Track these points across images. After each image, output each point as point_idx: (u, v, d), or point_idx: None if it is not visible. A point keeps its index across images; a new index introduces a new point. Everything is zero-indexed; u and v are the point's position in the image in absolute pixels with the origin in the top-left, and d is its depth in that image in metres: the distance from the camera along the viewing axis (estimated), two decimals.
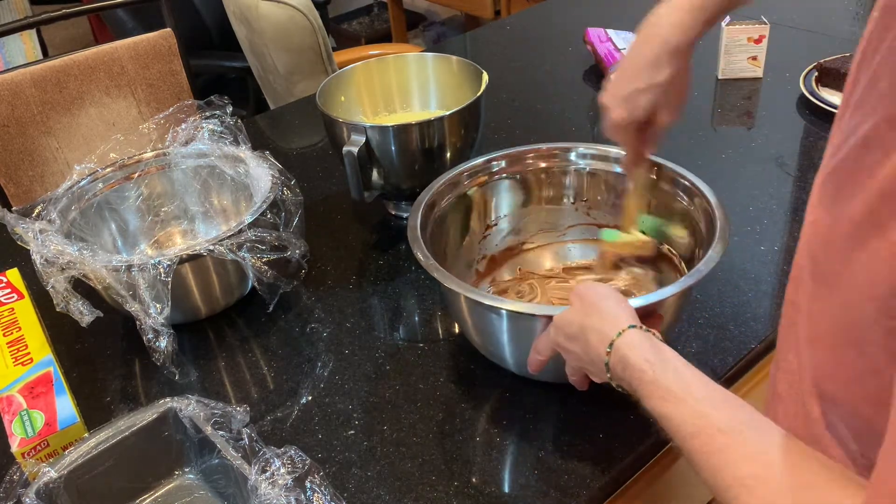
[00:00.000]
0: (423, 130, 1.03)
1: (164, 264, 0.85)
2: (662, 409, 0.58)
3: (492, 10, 2.96)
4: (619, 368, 0.64)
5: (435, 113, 1.22)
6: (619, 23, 1.57)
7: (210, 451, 0.74)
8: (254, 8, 1.76)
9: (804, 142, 1.27)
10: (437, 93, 1.22)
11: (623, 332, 0.65)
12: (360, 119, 1.20)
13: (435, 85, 1.22)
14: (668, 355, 0.62)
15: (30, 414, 0.77)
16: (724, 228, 0.80)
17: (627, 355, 0.63)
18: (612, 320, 0.66)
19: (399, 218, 1.16)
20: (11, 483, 0.71)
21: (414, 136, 1.04)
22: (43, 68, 1.45)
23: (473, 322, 0.82)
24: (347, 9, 3.98)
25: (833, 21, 1.63)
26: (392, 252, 1.10)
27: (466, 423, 0.82)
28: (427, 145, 1.04)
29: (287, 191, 0.96)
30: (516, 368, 0.83)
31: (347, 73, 1.19)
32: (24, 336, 0.88)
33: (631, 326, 0.65)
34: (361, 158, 1.02)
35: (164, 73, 1.58)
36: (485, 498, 0.74)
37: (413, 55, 1.22)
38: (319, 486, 0.68)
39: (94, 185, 1.02)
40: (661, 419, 0.58)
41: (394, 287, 1.03)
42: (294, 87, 1.89)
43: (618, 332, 0.65)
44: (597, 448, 0.78)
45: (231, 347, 0.95)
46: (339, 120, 1.05)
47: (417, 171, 1.06)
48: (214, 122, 1.04)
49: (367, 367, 0.90)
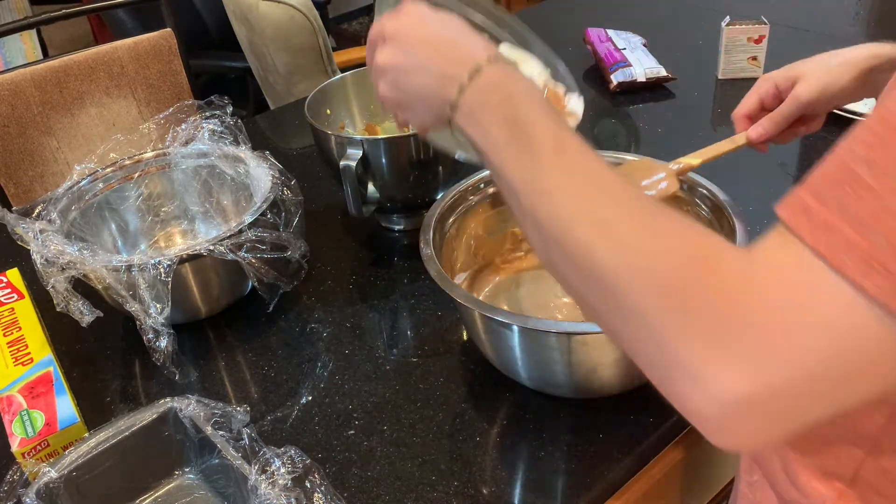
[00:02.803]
0: (418, 142, 1.01)
1: (164, 264, 0.85)
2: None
3: None
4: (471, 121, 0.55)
5: None
6: (619, 23, 1.57)
7: (210, 451, 0.74)
8: (254, 8, 1.76)
9: (804, 142, 1.27)
10: None
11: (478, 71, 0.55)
12: (349, 133, 1.18)
13: None
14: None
15: (30, 414, 0.77)
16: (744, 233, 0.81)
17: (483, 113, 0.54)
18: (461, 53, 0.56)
19: (395, 226, 1.15)
20: (11, 483, 0.71)
21: (409, 147, 1.01)
22: (43, 68, 1.45)
23: (487, 338, 0.82)
24: (347, 9, 3.99)
25: (833, 21, 1.63)
26: (393, 252, 1.10)
27: (466, 423, 0.82)
28: (423, 156, 1.02)
29: (287, 191, 0.96)
30: (530, 383, 0.83)
31: (336, 84, 1.17)
32: (24, 336, 0.88)
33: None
34: (358, 173, 1.00)
35: (164, 73, 1.58)
36: (485, 498, 0.74)
37: None
38: (319, 486, 0.68)
39: (94, 185, 1.02)
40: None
41: (394, 287, 1.03)
42: (294, 87, 1.89)
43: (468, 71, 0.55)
44: (597, 448, 0.78)
45: (231, 347, 0.95)
46: (331, 133, 1.03)
47: (412, 182, 1.05)
48: (214, 122, 1.04)
49: (367, 367, 0.90)
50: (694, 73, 1.48)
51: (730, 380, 0.41)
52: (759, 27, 1.40)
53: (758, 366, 0.40)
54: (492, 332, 0.80)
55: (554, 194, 0.49)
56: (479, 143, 0.54)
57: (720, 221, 0.86)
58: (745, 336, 0.40)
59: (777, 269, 0.41)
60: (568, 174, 0.49)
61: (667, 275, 0.43)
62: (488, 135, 0.53)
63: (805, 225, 0.40)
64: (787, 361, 0.40)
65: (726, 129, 1.34)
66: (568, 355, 0.75)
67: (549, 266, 0.51)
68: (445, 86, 0.56)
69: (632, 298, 0.44)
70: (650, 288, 0.43)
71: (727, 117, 1.37)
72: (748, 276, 0.42)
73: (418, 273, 1.04)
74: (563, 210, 0.48)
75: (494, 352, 0.83)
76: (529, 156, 0.51)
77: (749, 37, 1.41)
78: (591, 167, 0.50)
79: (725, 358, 0.41)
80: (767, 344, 0.40)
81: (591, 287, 0.47)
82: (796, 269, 0.40)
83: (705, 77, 1.46)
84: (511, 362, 0.81)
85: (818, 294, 0.39)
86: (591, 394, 0.82)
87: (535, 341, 0.77)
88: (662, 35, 1.62)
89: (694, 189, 0.90)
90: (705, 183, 0.89)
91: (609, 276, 0.45)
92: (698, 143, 1.29)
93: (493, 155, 0.53)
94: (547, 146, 0.50)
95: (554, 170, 0.50)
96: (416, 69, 0.58)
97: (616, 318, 0.46)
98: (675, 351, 0.42)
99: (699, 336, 0.42)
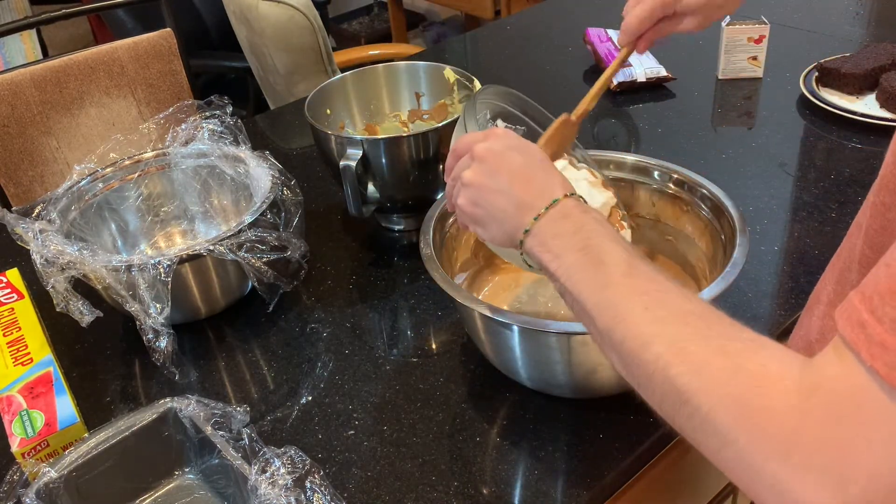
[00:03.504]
0: (418, 142, 1.02)
1: (164, 264, 0.85)
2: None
3: (492, 10, 2.96)
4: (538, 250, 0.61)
5: (429, 123, 1.21)
6: (619, 23, 1.57)
7: (210, 451, 0.74)
8: (254, 8, 1.76)
9: (804, 142, 1.27)
10: (431, 101, 1.21)
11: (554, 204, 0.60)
12: (349, 133, 1.18)
13: (429, 94, 1.21)
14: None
15: (30, 414, 0.77)
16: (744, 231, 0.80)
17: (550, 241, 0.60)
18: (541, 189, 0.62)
19: (395, 226, 1.15)
20: (11, 483, 0.71)
21: (409, 147, 1.02)
22: (43, 68, 1.45)
23: (487, 338, 0.82)
24: (347, 9, 3.98)
25: (833, 21, 1.63)
26: (393, 252, 1.10)
27: (467, 423, 0.82)
28: (423, 156, 1.03)
29: (287, 191, 0.96)
30: (530, 383, 0.83)
31: (336, 84, 1.17)
32: (24, 336, 0.88)
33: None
34: (358, 173, 1.00)
35: (164, 73, 1.58)
36: (485, 498, 0.74)
37: (404, 64, 1.21)
38: (319, 486, 0.68)
39: (94, 185, 1.02)
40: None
41: (394, 287, 1.03)
42: (294, 87, 1.89)
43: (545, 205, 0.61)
44: (597, 448, 0.78)
45: (231, 347, 0.95)
46: (331, 133, 1.03)
47: (412, 182, 1.05)
48: (214, 122, 1.04)
49: (367, 367, 0.90)
50: (694, 73, 1.48)
51: (816, 496, 0.42)
52: (759, 27, 1.40)
53: (837, 482, 0.41)
54: (492, 332, 0.80)
55: (627, 316, 0.53)
56: (550, 267, 0.59)
57: (720, 221, 0.86)
58: (820, 454, 0.42)
59: (838, 385, 0.42)
60: (639, 295, 0.53)
61: (738, 394, 0.46)
62: (561, 260, 0.58)
63: (863, 342, 0.41)
64: (864, 478, 0.41)
65: (727, 128, 1.34)
66: (568, 355, 0.75)
67: (630, 380, 0.54)
68: (523, 213, 0.62)
69: (708, 416, 0.47)
70: (725, 407, 0.46)
71: (727, 117, 1.37)
72: (814, 392, 0.43)
73: (418, 273, 1.04)
74: (635, 330, 0.52)
75: (494, 352, 0.83)
76: (603, 280, 0.55)
77: (749, 36, 1.41)
78: (660, 288, 0.54)
79: (805, 475, 0.42)
80: (841, 460, 0.41)
81: (668, 401, 0.50)
82: (858, 386, 0.41)
83: (705, 77, 1.46)
84: (511, 362, 0.81)
85: (881, 412, 0.40)
86: (591, 394, 0.82)
87: (535, 341, 0.77)
88: None
89: (694, 189, 0.90)
90: (705, 183, 0.89)
91: (684, 392, 0.48)
92: (698, 142, 1.29)
93: (565, 279, 0.58)
94: (618, 270, 0.55)
95: (626, 292, 0.54)
96: (497, 192, 0.64)
97: (697, 433, 0.49)
98: (758, 466, 0.44)
99: (777, 455, 0.43)
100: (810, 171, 1.18)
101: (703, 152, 1.25)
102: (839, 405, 0.42)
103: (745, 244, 0.79)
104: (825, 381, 0.43)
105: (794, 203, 1.11)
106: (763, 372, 0.46)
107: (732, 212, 0.84)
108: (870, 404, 0.41)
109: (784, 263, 1.00)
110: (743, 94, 1.41)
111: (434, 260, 0.81)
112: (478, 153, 0.65)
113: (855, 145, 1.23)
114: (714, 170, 1.20)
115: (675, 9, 0.80)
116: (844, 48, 1.44)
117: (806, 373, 0.45)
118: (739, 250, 0.78)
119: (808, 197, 1.12)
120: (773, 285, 0.96)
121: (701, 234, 0.90)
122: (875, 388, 0.40)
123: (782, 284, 0.96)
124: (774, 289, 0.96)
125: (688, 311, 0.52)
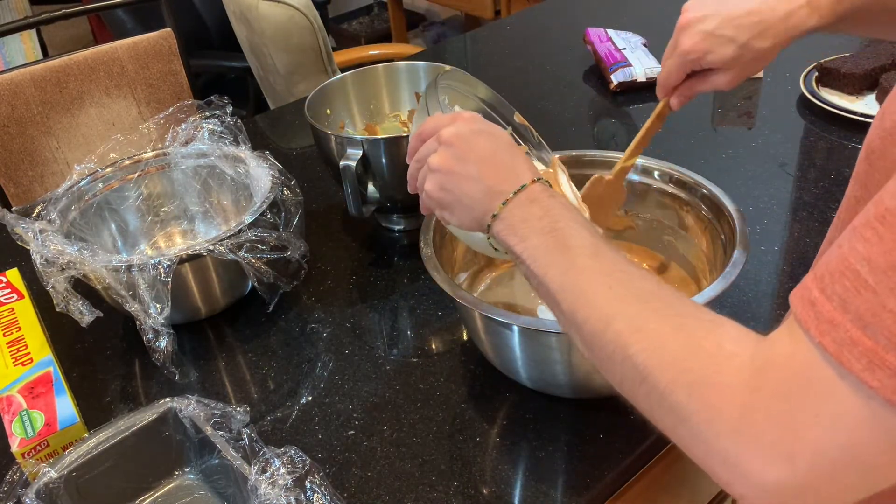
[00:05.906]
0: None
1: (164, 264, 0.85)
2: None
3: (492, 10, 2.96)
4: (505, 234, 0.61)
5: None
6: (619, 23, 1.57)
7: (210, 451, 0.74)
8: (254, 8, 1.76)
9: (804, 142, 1.27)
10: None
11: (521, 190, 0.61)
12: (349, 133, 1.18)
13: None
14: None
15: (30, 414, 0.77)
16: (744, 231, 0.81)
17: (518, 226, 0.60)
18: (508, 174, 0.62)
19: (395, 226, 1.15)
20: (11, 483, 0.71)
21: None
22: (43, 68, 1.45)
23: (487, 338, 0.82)
24: (347, 9, 3.99)
25: None
26: (393, 252, 1.10)
27: (467, 423, 0.82)
28: None
29: (287, 191, 0.96)
30: (530, 383, 0.83)
31: (336, 84, 1.17)
32: (24, 336, 0.88)
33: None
34: (358, 173, 1.00)
35: (164, 73, 1.58)
36: (485, 498, 0.74)
37: (404, 64, 1.21)
38: (319, 486, 0.68)
39: (94, 185, 1.02)
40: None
41: (394, 287, 1.03)
42: (294, 87, 1.89)
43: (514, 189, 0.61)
44: (597, 448, 0.78)
45: (231, 347, 0.95)
46: (331, 133, 1.02)
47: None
48: (214, 122, 1.04)
49: (367, 367, 0.90)
50: None
51: (764, 471, 0.43)
52: None
53: (785, 457, 0.42)
54: (492, 332, 0.80)
55: (590, 296, 0.54)
56: (516, 250, 0.60)
57: (720, 221, 0.86)
58: (769, 429, 0.43)
59: (788, 362, 0.43)
60: (603, 276, 0.54)
61: (693, 372, 0.47)
62: (527, 243, 0.59)
63: (812, 320, 0.42)
64: (811, 452, 0.42)
65: (726, 128, 1.34)
66: (568, 355, 0.75)
67: (593, 361, 0.55)
68: (492, 198, 0.62)
69: (664, 393, 0.48)
70: (680, 384, 0.47)
71: (727, 117, 1.37)
72: (765, 368, 0.44)
73: (418, 273, 1.04)
74: (598, 311, 0.53)
75: (494, 352, 0.83)
76: (568, 262, 0.56)
77: None
78: (624, 269, 0.55)
79: (754, 450, 0.43)
80: (789, 436, 0.42)
81: (627, 379, 0.51)
82: (806, 362, 0.42)
83: None
84: (511, 362, 0.81)
85: (828, 388, 0.41)
86: (591, 394, 0.82)
87: (535, 341, 0.77)
88: (662, 35, 1.62)
89: (694, 189, 0.90)
90: (705, 183, 0.89)
91: (643, 370, 0.49)
92: (698, 142, 1.29)
93: (531, 261, 0.58)
94: (584, 253, 0.56)
95: (590, 274, 0.55)
96: (466, 177, 0.63)
97: (654, 410, 0.50)
98: (710, 442, 0.45)
99: (728, 430, 0.44)
100: (810, 171, 1.18)
101: (703, 152, 1.25)
102: (788, 381, 0.43)
103: (745, 244, 0.79)
104: (776, 358, 0.44)
105: (794, 203, 1.11)
106: (718, 350, 0.47)
107: (732, 212, 0.84)
108: (818, 381, 0.41)
109: (784, 263, 1.00)
110: (743, 94, 1.41)
111: (434, 260, 0.81)
112: (445, 137, 0.65)
113: (855, 145, 1.23)
114: (714, 170, 1.20)
115: (701, 65, 0.79)
116: (844, 48, 1.44)
117: (759, 350, 0.45)
118: (739, 250, 0.78)
119: (808, 197, 1.12)
120: (773, 285, 0.96)
121: (701, 234, 0.90)
122: (823, 364, 0.41)
123: (782, 284, 0.96)
124: (774, 289, 0.96)
125: (649, 292, 0.53)
